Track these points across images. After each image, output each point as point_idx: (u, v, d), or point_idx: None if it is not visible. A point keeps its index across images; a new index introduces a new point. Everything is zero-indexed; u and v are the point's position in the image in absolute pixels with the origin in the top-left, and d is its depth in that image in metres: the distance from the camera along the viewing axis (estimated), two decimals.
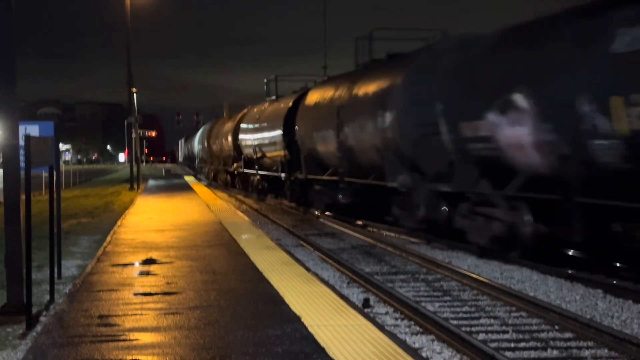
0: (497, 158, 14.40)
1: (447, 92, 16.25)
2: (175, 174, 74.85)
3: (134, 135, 47.82)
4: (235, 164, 42.08)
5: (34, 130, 10.67)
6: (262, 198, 34.82)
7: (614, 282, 11.66)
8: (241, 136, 38.96)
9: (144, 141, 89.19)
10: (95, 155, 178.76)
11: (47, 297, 10.05)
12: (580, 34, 12.16)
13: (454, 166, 16.07)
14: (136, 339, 7.21)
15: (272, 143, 31.40)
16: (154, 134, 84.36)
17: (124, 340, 7.19)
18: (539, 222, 13.57)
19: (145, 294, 9.48)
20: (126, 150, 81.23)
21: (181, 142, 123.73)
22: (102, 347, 6.90)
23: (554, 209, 12.87)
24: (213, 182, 54.05)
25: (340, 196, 22.76)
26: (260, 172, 35.00)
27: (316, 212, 25.20)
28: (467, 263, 14.37)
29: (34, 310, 8.76)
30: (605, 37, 11.27)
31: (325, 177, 24.26)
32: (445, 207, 16.69)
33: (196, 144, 73.89)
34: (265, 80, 38.09)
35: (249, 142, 36.57)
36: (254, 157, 35.26)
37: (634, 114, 10.51)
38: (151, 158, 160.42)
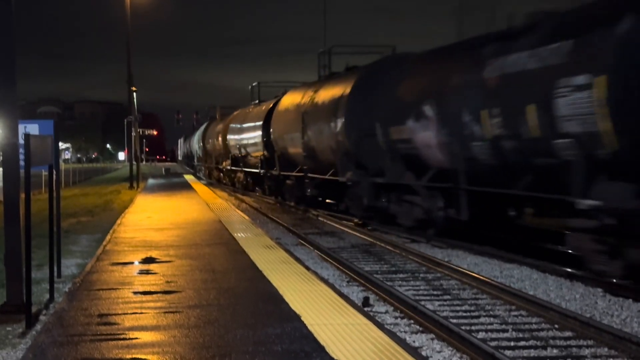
0: (416, 155, 18.17)
1: (382, 102, 19.93)
2: (174, 172, 74.90)
3: (133, 134, 47.81)
4: (224, 162, 46.21)
5: (33, 129, 10.68)
6: (246, 192, 38.81)
7: (614, 280, 11.67)
8: (229, 136, 43.20)
9: (144, 140, 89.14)
10: (95, 154, 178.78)
11: (47, 295, 10.05)
12: (465, 62, 15.96)
13: (386, 162, 19.61)
14: (136, 338, 7.21)
15: (254, 144, 35.39)
16: (153, 132, 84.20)
17: (123, 339, 7.19)
18: (448, 207, 16.93)
19: (145, 293, 9.48)
20: (126, 149, 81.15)
21: (180, 141, 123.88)
22: (101, 346, 6.90)
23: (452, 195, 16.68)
24: (212, 181, 54.10)
25: (308, 190, 26.83)
26: (244, 169, 39.51)
27: (290, 203, 29.12)
28: (466, 262, 14.38)
29: (34, 309, 8.76)
30: (480, 65, 14.91)
31: (294, 174, 28.26)
32: (382, 196, 20.32)
33: (195, 143, 74.19)
34: (250, 87, 42.91)
35: (235, 142, 40.73)
36: (239, 155, 39.92)
37: (494, 124, 14.31)
38: (157, 157, 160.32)
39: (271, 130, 31.33)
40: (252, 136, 35.47)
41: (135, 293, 9.50)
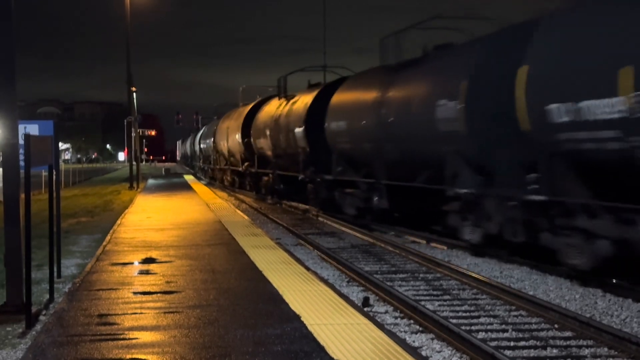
0: (353, 153, 22.38)
1: (331, 115, 23.96)
2: (174, 173, 74.89)
3: (133, 135, 47.79)
4: (219, 162, 50.58)
5: (33, 129, 10.68)
6: (234, 189, 42.94)
7: (614, 281, 11.67)
8: (217, 138, 48.51)
9: (144, 140, 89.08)
10: (95, 154, 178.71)
11: (47, 296, 10.05)
12: (377, 83, 20.63)
13: (333, 161, 23.70)
14: (136, 338, 7.21)
15: (237, 144, 39.97)
16: (153, 133, 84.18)
17: (123, 339, 7.19)
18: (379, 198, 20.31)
19: (144, 293, 9.48)
20: (125, 149, 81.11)
21: (179, 142, 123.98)
22: (101, 346, 6.90)
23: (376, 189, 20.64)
24: (212, 181, 54.07)
25: (281, 185, 31.78)
26: (231, 167, 44.56)
27: (269, 199, 33.33)
28: (466, 262, 14.38)
29: (34, 309, 8.76)
30: (387, 86, 19.68)
31: (266, 170, 33.66)
32: (332, 190, 24.27)
33: (195, 144, 74.38)
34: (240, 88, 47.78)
35: (224, 145, 44.96)
36: (226, 154, 44.92)
37: (395, 129, 18.99)
38: (151, 157, 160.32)
39: (251, 132, 35.93)
40: (234, 138, 40.32)
41: (135, 293, 9.50)
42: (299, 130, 26.79)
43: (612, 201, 11.32)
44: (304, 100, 27.46)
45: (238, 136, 38.63)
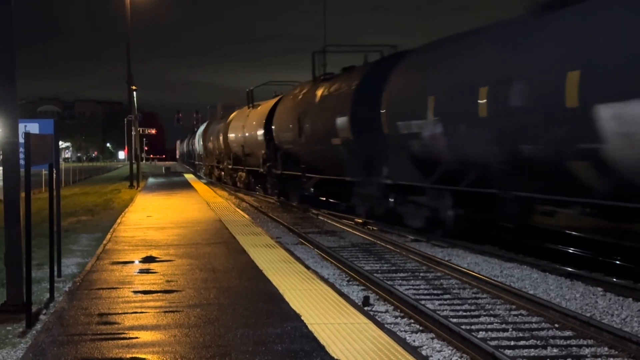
0: (296, 154, 28.27)
1: (297, 116, 27.26)
2: (175, 171, 74.88)
3: (133, 133, 47.78)
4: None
5: (33, 128, 10.69)
6: (216, 182, 49.53)
7: (614, 280, 11.68)
8: (230, 135, 50.33)
9: (144, 139, 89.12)
10: (95, 153, 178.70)
11: (47, 295, 10.05)
12: (311, 90, 26.52)
13: (277, 158, 30.28)
14: (136, 337, 7.21)
15: (219, 145, 47.12)
16: (154, 131, 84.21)
17: (123, 338, 7.19)
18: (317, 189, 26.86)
19: (145, 292, 9.48)
20: (126, 148, 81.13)
21: (178, 142, 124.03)
22: (102, 346, 6.90)
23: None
24: (212, 180, 54.11)
25: (251, 179, 37.96)
26: (218, 164, 50.36)
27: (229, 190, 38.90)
28: (466, 261, 14.37)
29: (34, 308, 8.76)
30: (315, 92, 26.21)
31: (237, 167, 40.35)
32: (283, 183, 30.31)
33: (195, 142, 74.47)
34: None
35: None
36: (216, 152, 50.99)
37: (310, 131, 25.93)
38: (151, 156, 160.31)
39: (228, 135, 41.78)
40: (218, 139, 45.53)
41: (135, 292, 9.50)
42: (264, 132, 32.91)
43: (431, 184, 17.39)
44: (264, 110, 33.41)
45: (221, 139, 43.00)
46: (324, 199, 27.98)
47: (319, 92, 25.41)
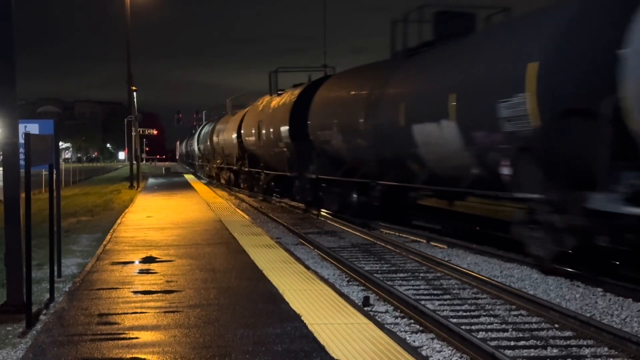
0: (260, 155, 33.57)
1: (257, 124, 31.91)
2: (175, 172, 74.88)
3: (133, 134, 47.77)
4: (218, 161, 52.17)
5: (33, 128, 10.69)
6: (221, 183, 49.48)
7: (614, 280, 11.67)
8: (214, 138, 52.05)
9: (144, 139, 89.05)
10: (95, 153, 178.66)
11: (47, 295, 10.04)
12: (285, 96, 30.86)
13: (261, 160, 33.63)
14: (136, 338, 7.21)
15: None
16: (155, 132, 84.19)
17: (123, 338, 7.19)
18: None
19: (145, 292, 9.48)
20: (126, 148, 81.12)
21: (178, 142, 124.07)
22: (102, 346, 6.90)
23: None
24: (212, 180, 54.10)
25: (242, 178, 39.86)
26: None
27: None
28: (466, 261, 14.38)
29: (34, 308, 8.76)
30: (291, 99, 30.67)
31: (233, 167, 42.09)
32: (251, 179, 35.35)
33: (195, 143, 74.43)
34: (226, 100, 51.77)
35: (221, 142, 48.39)
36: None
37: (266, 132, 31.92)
38: (157, 156, 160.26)
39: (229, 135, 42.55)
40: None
41: (135, 292, 9.50)
42: (238, 135, 36.69)
43: (340, 177, 22.57)
44: (239, 115, 36.12)
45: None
46: (277, 189, 33.76)
47: (272, 104, 31.57)
